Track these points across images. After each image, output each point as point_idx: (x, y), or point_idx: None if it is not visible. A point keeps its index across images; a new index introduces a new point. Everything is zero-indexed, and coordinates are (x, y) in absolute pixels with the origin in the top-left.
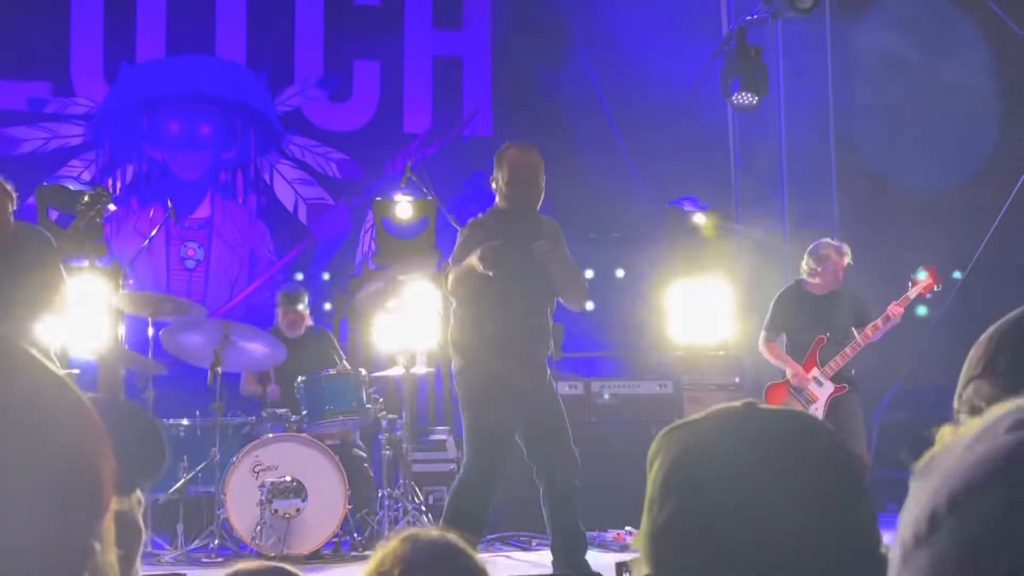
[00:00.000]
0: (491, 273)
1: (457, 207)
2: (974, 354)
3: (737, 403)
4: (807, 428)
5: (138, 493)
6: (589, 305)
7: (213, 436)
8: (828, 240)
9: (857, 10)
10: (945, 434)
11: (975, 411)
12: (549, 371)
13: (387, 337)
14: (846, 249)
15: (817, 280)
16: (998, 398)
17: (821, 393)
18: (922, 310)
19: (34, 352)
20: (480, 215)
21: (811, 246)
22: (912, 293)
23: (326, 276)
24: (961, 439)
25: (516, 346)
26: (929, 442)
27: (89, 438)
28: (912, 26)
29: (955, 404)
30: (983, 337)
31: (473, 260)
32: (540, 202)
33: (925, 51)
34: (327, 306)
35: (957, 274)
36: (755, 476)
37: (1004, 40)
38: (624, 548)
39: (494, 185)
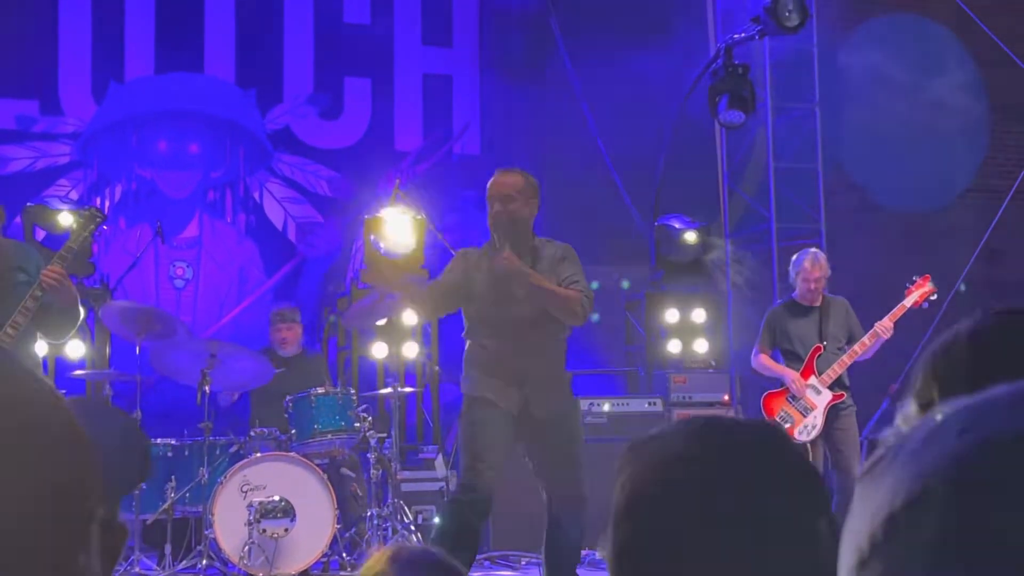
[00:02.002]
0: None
1: (448, 225)
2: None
3: (699, 416)
4: (768, 442)
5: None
6: (594, 317)
7: (201, 456)
8: (808, 249)
9: (844, 29)
10: (890, 439)
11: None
12: (559, 390)
13: (376, 355)
14: (822, 260)
15: (799, 289)
16: None
17: (819, 401)
18: None
19: (13, 357)
20: (472, 248)
21: (793, 256)
22: (908, 302)
23: (315, 295)
24: (909, 442)
25: (503, 366)
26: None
27: (74, 446)
28: (899, 44)
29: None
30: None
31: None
32: (523, 223)
33: (912, 69)
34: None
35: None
36: (715, 493)
37: (990, 58)
38: None
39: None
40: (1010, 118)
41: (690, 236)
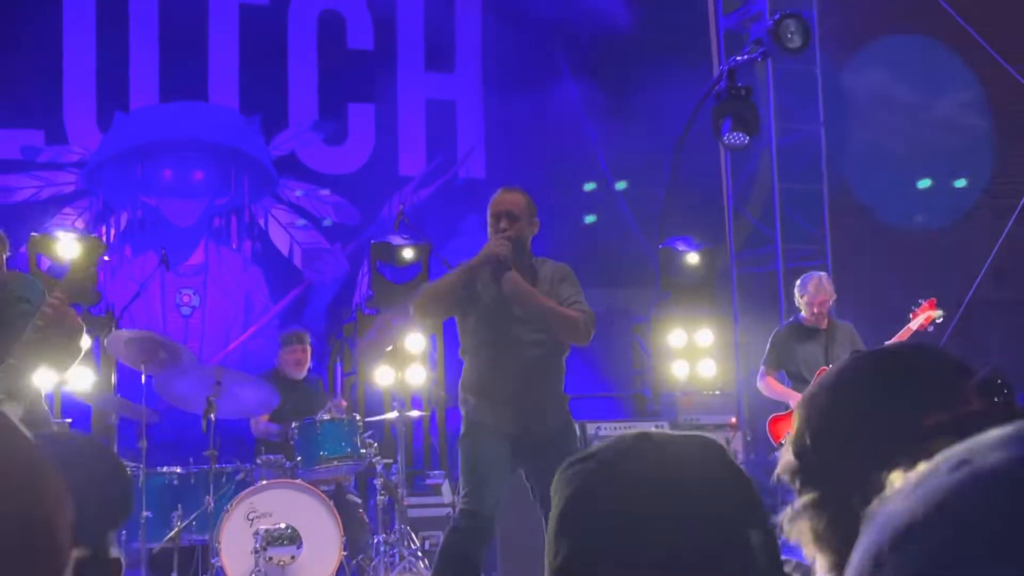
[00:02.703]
0: (503, 257)
1: (453, 248)
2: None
3: (631, 433)
4: (702, 456)
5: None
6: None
7: (207, 483)
8: (814, 272)
9: (847, 49)
10: (895, 479)
11: (784, 475)
12: (557, 413)
13: (382, 380)
14: (827, 284)
15: (805, 312)
16: (794, 464)
17: None
18: None
19: None
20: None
21: (799, 279)
22: (914, 325)
23: (322, 320)
24: (908, 482)
25: (500, 386)
26: None
27: (38, 482)
28: (902, 64)
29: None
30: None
31: (473, 260)
32: (525, 242)
33: (916, 89)
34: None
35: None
36: (647, 508)
37: (994, 77)
38: None
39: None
40: (1014, 136)
41: (695, 258)
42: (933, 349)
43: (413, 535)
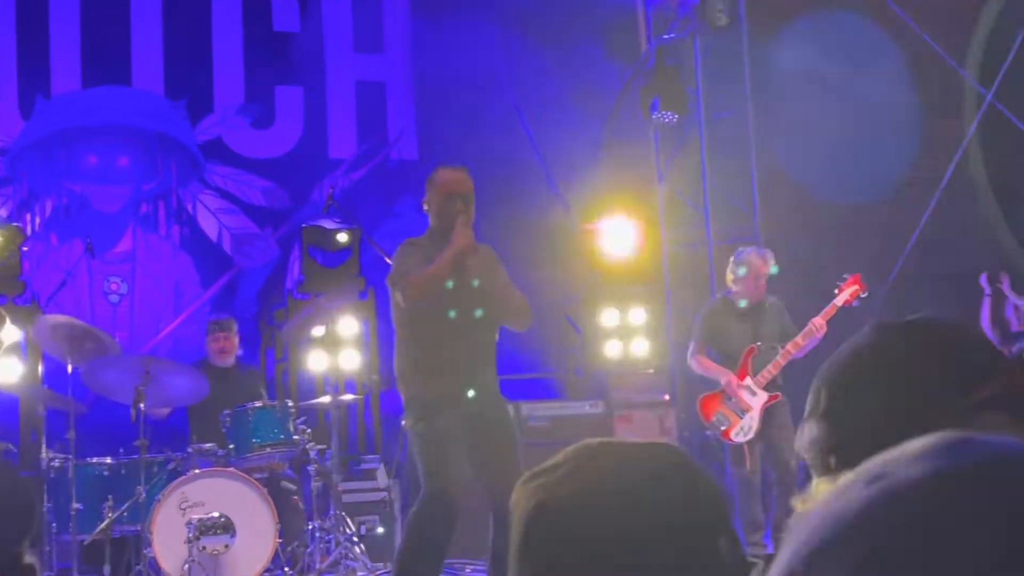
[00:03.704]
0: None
1: (387, 231)
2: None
3: (593, 442)
4: (664, 464)
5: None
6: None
7: (138, 474)
8: (752, 247)
9: (773, 26)
10: (819, 489)
11: (808, 453)
12: (498, 393)
13: (314, 366)
14: (769, 256)
15: (739, 288)
16: (825, 440)
17: (755, 402)
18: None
19: None
20: (414, 237)
21: (734, 254)
22: (839, 301)
23: (253, 306)
24: (828, 495)
25: (456, 369)
26: None
27: None
28: (829, 40)
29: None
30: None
31: (448, 252)
32: (473, 222)
33: (842, 65)
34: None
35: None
36: (611, 520)
37: (920, 53)
38: None
39: (427, 208)
40: (939, 112)
41: (626, 236)
42: (958, 323)
43: (348, 520)
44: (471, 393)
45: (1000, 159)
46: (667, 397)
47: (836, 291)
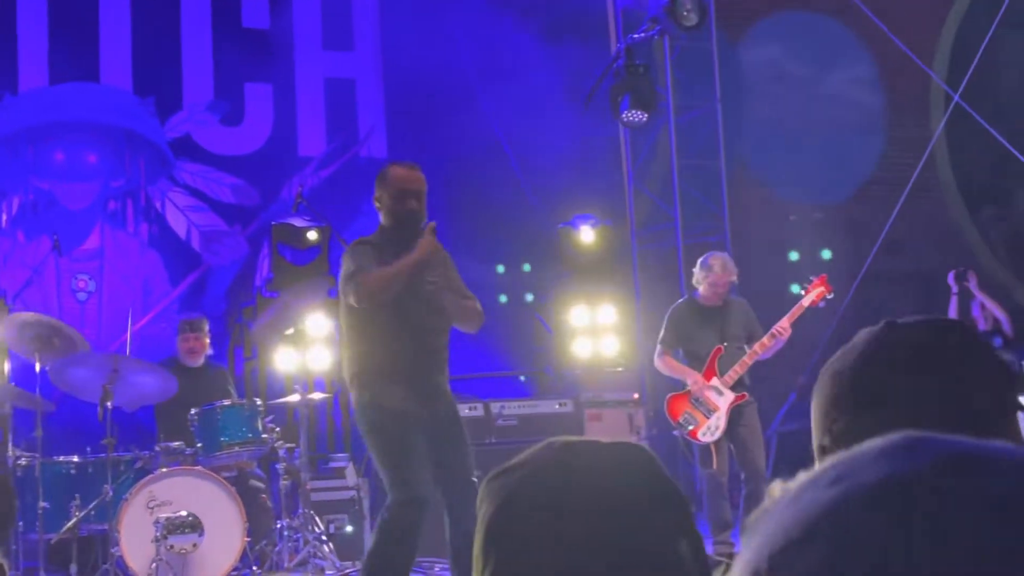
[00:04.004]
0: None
1: (356, 229)
2: (832, 390)
3: (557, 441)
4: (628, 463)
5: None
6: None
7: (105, 472)
8: (717, 252)
9: (742, 26)
10: (775, 490)
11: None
12: (450, 393)
13: (283, 364)
14: (731, 265)
15: (704, 290)
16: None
17: (722, 402)
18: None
19: None
20: (365, 236)
21: (700, 258)
22: (805, 302)
23: (222, 304)
24: (788, 494)
25: (410, 371)
26: None
27: None
28: (797, 40)
29: (823, 441)
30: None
31: (411, 258)
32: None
33: (810, 65)
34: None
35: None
36: (576, 519)
37: (887, 52)
38: None
39: (378, 205)
40: (906, 111)
41: (596, 236)
42: (962, 324)
43: (317, 519)
44: (425, 395)
45: (967, 160)
46: (636, 395)
47: (802, 292)
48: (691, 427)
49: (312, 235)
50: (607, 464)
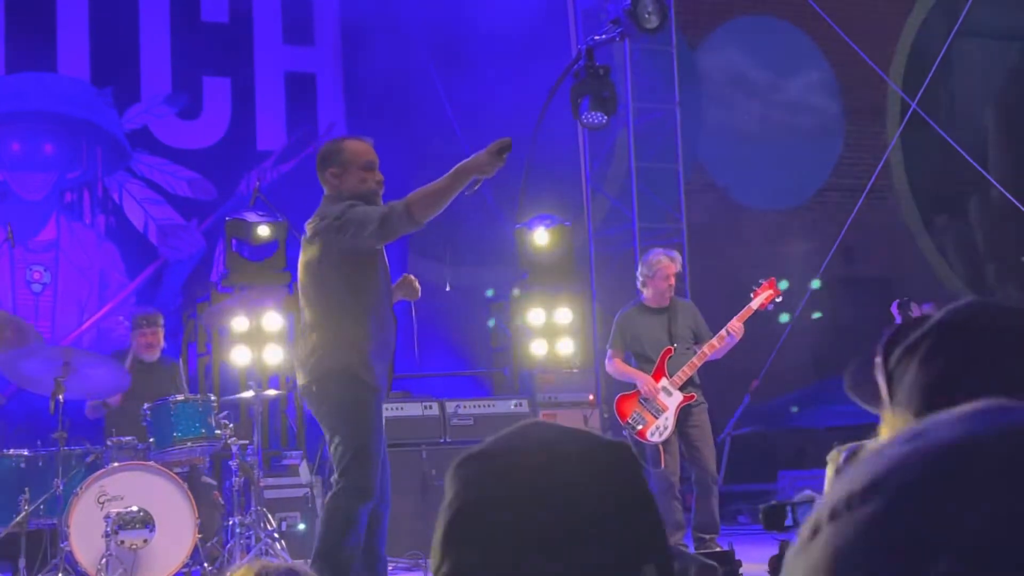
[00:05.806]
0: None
1: None
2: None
3: (529, 434)
4: (607, 465)
5: None
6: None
7: (56, 466)
8: (659, 249)
9: (703, 30)
10: (869, 446)
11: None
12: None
13: (237, 360)
14: (676, 256)
15: (649, 290)
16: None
17: (670, 403)
18: (784, 317)
19: None
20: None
21: (643, 256)
22: (754, 304)
23: (177, 298)
24: (874, 449)
25: (386, 350)
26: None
27: None
28: (756, 45)
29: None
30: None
31: (471, 163)
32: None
33: (769, 70)
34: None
35: (816, 283)
36: (544, 525)
37: (844, 59)
38: None
39: (337, 180)
40: (863, 118)
41: (553, 237)
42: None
43: (270, 516)
44: (390, 377)
45: (922, 167)
46: (592, 397)
47: (752, 295)
48: (639, 427)
49: (264, 230)
50: (585, 462)
